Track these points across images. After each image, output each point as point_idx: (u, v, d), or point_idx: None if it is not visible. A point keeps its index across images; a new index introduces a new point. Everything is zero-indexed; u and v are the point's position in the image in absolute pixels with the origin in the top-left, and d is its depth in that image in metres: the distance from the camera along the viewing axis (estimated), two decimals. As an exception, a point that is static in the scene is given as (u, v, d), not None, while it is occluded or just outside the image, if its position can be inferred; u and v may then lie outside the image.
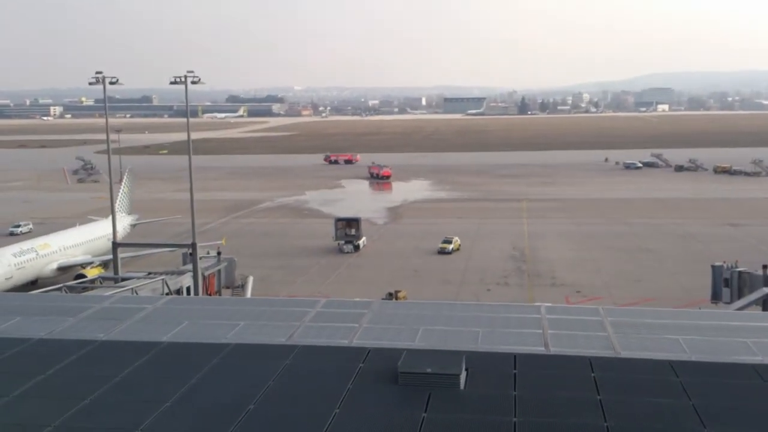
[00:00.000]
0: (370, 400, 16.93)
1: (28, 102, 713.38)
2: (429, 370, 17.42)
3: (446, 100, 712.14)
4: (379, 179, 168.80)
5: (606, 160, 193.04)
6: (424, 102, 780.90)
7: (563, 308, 26.20)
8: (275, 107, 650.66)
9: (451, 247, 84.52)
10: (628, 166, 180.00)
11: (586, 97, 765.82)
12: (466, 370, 17.85)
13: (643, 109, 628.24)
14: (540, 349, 19.88)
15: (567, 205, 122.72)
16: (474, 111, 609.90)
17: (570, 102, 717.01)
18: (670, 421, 15.51)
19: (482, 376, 17.93)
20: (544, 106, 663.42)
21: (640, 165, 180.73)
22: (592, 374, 17.96)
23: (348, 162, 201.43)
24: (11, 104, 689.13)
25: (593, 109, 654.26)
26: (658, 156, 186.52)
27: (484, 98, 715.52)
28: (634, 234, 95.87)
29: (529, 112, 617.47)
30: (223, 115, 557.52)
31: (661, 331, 21.28)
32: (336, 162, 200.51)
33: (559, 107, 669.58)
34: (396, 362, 18.04)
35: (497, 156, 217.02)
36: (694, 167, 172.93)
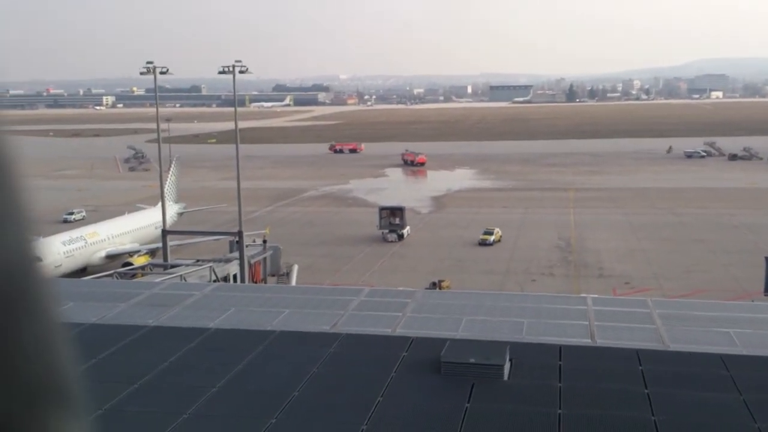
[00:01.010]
0: (412, 389, 16.98)
1: (81, 92, 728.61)
2: (472, 360, 17.38)
3: (492, 88, 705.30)
4: (413, 166, 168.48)
5: (670, 149, 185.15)
6: (469, 90, 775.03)
7: (610, 299, 25.89)
8: (321, 96, 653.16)
9: (492, 238, 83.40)
10: (690, 155, 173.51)
11: (636, 83, 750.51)
12: (510, 360, 17.77)
13: (696, 96, 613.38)
14: (586, 341, 19.66)
15: (615, 194, 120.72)
16: (521, 99, 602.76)
17: (620, 89, 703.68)
18: (720, 416, 15.21)
19: (526, 367, 17.83)
20: (593, 94, 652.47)
21: (703, 154, 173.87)
22: (640, 367, 17.70)
23: (353, 151, 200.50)
24: (65, 94, 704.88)
25: (644, 96, 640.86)
26: (711, 144, 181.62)
27: (531, 86, 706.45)
28: (684, 224, 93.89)
29: (578, 100, 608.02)
30: (269, 104, 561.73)
31: (712, 324, 20.85)
32: (341, 151, 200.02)
33: (608, 94, 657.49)
34: (439, 352, 18.04)
35: (544, 144, 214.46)
36: (748, 156, 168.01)
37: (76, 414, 1.27)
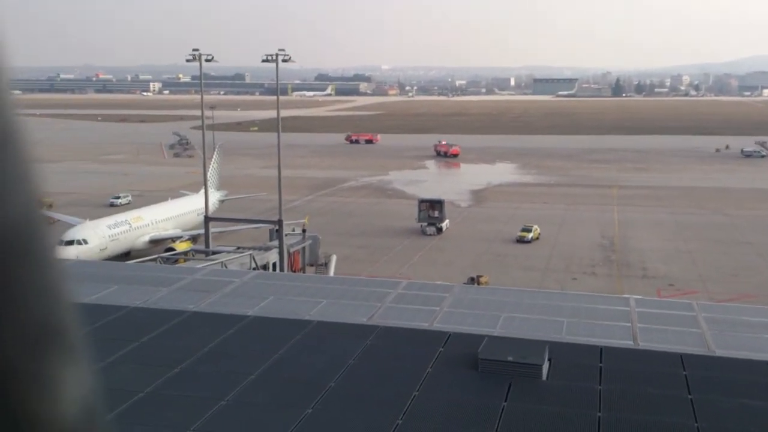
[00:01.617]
0: (449, 385, 16.88)
1: (129, 78, 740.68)
2: (510, 359, 17.20)
3: (536, 80, 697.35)
4: (446, 157, 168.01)
5: (727, 147, 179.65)
6: (512, 83, 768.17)
7: (654, 301, 25.43)
8: (362, 86, 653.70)
9: (530, 235, 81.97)
10: (749, 155, 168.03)
11: (685, 79, 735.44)
12: (549, 360, 17.54)
13: (748, 93, 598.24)
14: (628, 343, 19.33)
15: (661, 192, 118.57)
16: (565, 92, 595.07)
17: (668, 84, 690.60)
18: (766, 426, 14.80)
19: (566, 367, 17.59)
20: (640, 89, 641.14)
21: (765, 153, 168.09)
22: (684, 372, 17.33)
23: (368, 142, 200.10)
24: (114, 79, 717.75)
25: (693, 93, 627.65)
26: (762, 144, 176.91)
27: (576, 79, 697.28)
28: (733, 225, 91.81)
29: (624, 95, 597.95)
30: (311, 93, 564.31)
31: (760, 329, 20.32)
32: (357, 142, 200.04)
33: (656, 90, 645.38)
34: (476, 348, 17.90)
35: (588, 140, 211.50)
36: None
37: (75, 358, 1.37)
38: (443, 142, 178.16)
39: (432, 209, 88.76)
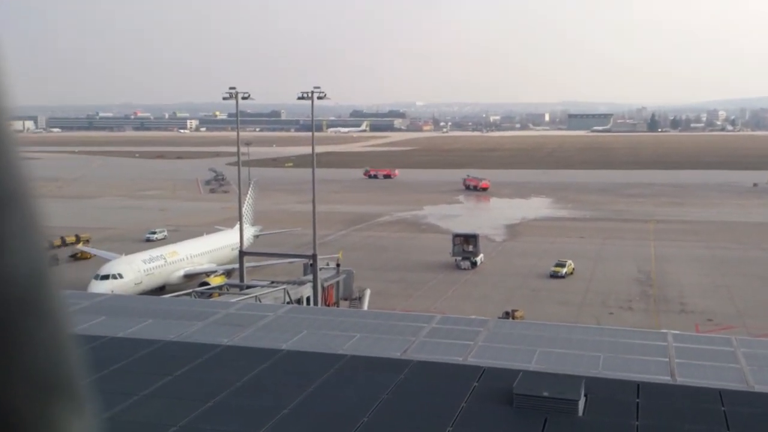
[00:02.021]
0: (483, 421, 16.70)
1: (167, 115, 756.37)
2: (546, 394, 16.97)
3: (570, 116, 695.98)
4: (476, 191, 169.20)
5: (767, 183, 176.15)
6: (547, 118, 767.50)
7: (692, 336, 24.94)
8: (397, 122, 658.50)
9: (564, 270, 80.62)
10: None
11: (721, 114, 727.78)
12: (585, 395, 17.28)
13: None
14: (665, 378, 18.97)
15: (699, 227, 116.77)
16: (600, 128, 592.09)
17: (704, 119, 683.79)
18: (810, 465, 14.38)
19: (602, 403, 17.30)
20: (675, 124, 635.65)
21: None
22: (722, 408, 16.94)
23: (387, 177, 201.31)
24: (151, 117, 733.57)
25: (729, 127, 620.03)
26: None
27: (611, 114, 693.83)
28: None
29: (660, 130, 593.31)
30: (346, 129, 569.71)
31: (802, 366, 19.80)
32: (375, 177, 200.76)
33: (692, 124, 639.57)
34: (511, 383, 17.71)
35: (624, 174, 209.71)
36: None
37: (80, 408, 1.40)
38: (471, 176, 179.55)
39: (466, 243, 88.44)
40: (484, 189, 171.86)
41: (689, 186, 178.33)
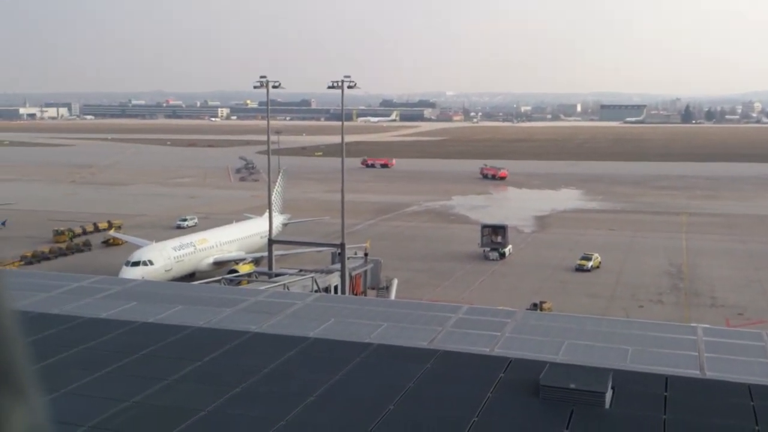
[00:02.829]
0: (509, 412, 16.69)
1: (198, 104, 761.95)
2: (573, 386, 16.90)
3: (603, 107, 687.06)
4: (494, 180, 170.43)
5: None
6: (579, 109, 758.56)
7: (723, 331, 24.65)
8: (427, 112, 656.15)
9: (590, 264, 79.41)
10: None
11: (757, 106, 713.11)
12: (613, 388, 17.18)
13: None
14: (695, 372, 18.79)
15: (732, 220, 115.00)
16: (633, 119, 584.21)
17: (739, 111, 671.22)
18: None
19: (630, 396, 17.19)
20: (710, 115, 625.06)
21: None
22: (751, 403, 16.75)
23: (384, 166, 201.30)
24: (183, 105, 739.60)
25: (765, 120, 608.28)
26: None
27: (644, 105, 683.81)
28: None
29: (694, 121, 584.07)
30: (376, 119, 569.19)
31: (835, 362, 19.47)
32: (372, 166, 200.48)
33: (726, 116, 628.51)
34: (538, 375, 17.67)
35: (656, 166, 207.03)
36: None
37: (24, 398, 1.40)
38: (489, 166, 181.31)
39: (495, 235, 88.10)
40: (503, 178, 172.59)
41: (723, 179, 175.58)
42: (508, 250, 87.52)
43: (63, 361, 20.36)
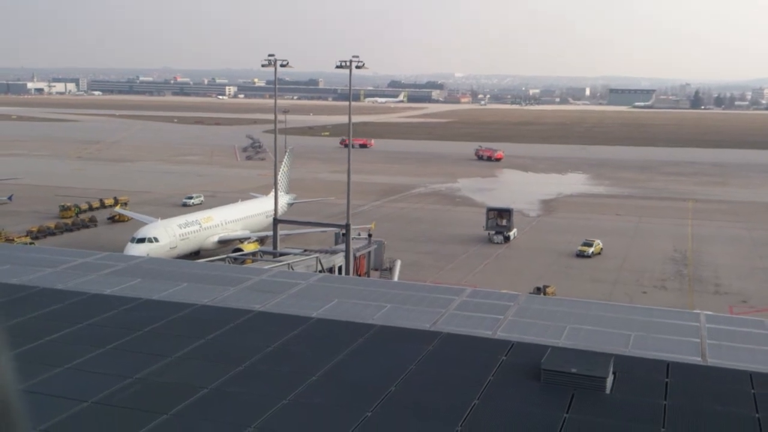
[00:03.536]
0: (510, 395, 16.74)
1: (206, 81, 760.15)
2: (574, 370, 16.94)
3: (612, 91, 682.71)
4: (490, 161, 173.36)
5: None
6: (587, 92, 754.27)
7: (725, 318, 24.61)
8: (435, 93, 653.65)
9: (591, 250, 78.87)
10: None
11: (767, 92, 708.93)
12: (614, 373, 17.22)
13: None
14: (696, 359, 18.81)
15: (738, 207, 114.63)
16: (641, 103, 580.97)
17: (749, 98, 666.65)
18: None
19: (631, 381, 17.23)
20: (719, 101, 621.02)
21: None
22: (752, 390, 16.77)
23: (363, 146, 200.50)
24: (191, 83, 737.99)
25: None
26: None
27: (654, 90, 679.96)
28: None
29: (703, 107, 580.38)
30: (384, 99, 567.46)
31: (837, 352, 19.44)
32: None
33: (736, 102, 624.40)
34: (540, 359, 17.71)
35: (664, 152, 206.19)
36: None
37: (14, 426, 1.40)
38: (484, 147, 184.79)
39: (500, 218, 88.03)
40: (498, 159, 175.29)
41: (730, 165, 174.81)
42: (513, 233, 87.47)
43: (67, 336, 20.48)
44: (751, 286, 68.63)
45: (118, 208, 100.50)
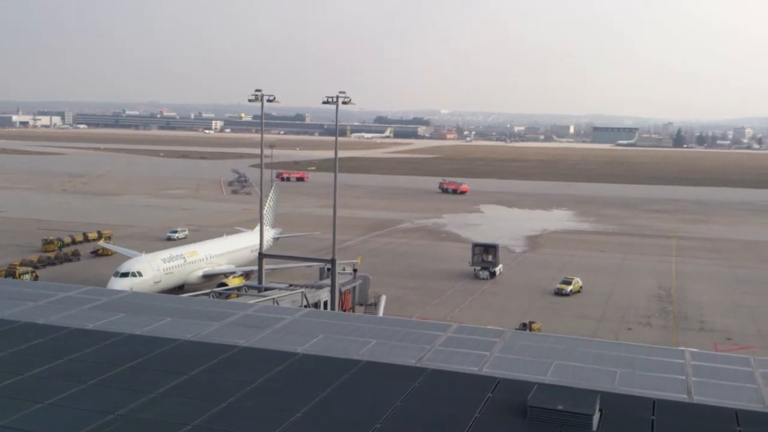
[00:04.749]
0: (496, 432, 16.62)
1: (192, 115, 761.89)
2: (560, 407, 16.87)
3: (595, 129, 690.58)
4: (455, 194, 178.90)
5: None
6: (572, 130, 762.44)
7: (710, 355, 24.69)
8: (420, 129, 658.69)
9: (569, 288, 78.34)
10: None
11: (748, 132, 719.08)
12: (600, 411, 17.16)
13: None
14: (682, 396, 18.79)
15: (721, 245, 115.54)
16: (625, 141, 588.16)
17: (731, 137, 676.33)
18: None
19: (617, 418, 17.17)
20: (701, 140, 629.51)
21: None
22: (738, 428, 16.77)
23: (300, 180, 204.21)
24: (177, 117, 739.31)
25: (756, 146, 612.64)
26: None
27: (637, 129, 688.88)
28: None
29: (685, 146, 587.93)
30: (370, 135, 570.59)
31: (822, 389, 19.49)
32: (288, 179, 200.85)
33: (718, 141, 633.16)
34: (525, 395, 17.64)
35: (647, 189, 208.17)
36: None
37: None
38: (448, 180, 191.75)
39: (486, 253, 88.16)
40: (464, 192, 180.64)
41: (713, 203, 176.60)
42: (498, 269, 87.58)
43: (48, 371, 20.18)
44: (735, 323, 68.88)
45: (101, 242, 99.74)
